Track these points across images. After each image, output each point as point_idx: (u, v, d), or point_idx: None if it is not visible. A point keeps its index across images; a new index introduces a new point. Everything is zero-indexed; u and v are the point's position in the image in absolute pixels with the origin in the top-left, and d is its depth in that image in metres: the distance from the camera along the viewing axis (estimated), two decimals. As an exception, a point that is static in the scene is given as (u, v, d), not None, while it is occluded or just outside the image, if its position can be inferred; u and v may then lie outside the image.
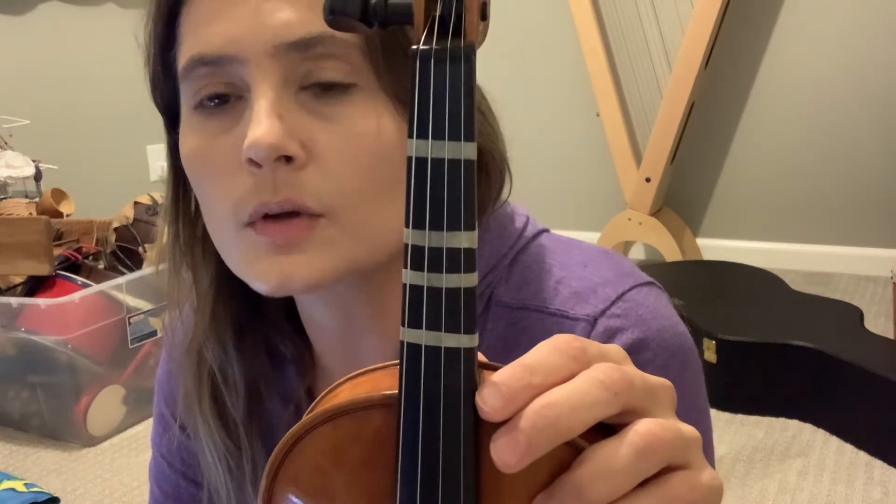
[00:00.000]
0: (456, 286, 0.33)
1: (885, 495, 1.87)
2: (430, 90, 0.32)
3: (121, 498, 2.08)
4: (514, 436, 0.32)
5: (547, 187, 3.52)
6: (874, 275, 3.08)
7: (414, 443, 0.34)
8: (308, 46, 0.54)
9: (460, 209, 0.32)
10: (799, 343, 2.17)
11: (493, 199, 0.63)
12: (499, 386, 0.32)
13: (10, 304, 2.31)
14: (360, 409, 0.36)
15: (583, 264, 0.63)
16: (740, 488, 1.93)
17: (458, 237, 0.32)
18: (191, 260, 0.66)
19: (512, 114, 0.65)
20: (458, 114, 0.32)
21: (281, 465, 0.37)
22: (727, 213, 3.37)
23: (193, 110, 0.58)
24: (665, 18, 3.14)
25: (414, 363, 0.33)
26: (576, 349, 0.34)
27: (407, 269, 0.33)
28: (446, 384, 0.33)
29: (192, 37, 0.56)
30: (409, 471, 0.34)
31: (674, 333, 0.60)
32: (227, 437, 0.68)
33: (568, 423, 0.32)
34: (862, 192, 3.14)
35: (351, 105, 0.55)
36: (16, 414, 2.43)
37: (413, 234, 0.33)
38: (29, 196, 3.08)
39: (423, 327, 0.33)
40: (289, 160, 0.54)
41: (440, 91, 0.32)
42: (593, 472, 0.32)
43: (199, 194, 0.60)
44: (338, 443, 0.36)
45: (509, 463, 0.32)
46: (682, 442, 0.34)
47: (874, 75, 3.05)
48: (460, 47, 0.32)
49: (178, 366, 0.71)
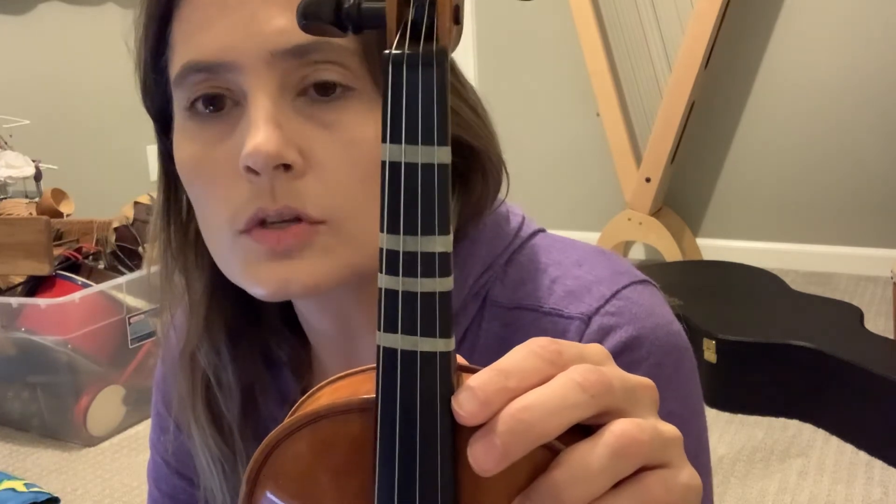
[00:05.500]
0: (431, 290, 0.33)
1: (885, 495, 1.87)
2: (403, 94, 0.32)
3: (121, 498, 2.08)
4: (490, 440, 0.32)
5: (547, 187, 3.52)
6: (874, 275, 3.07)
7: (391, 446, 0.34)
8: (304, 53, 0.53)
9: (434, 214, 0.32)
10: (799, 343, 2.17)
11: (490, 200, 0.63)
12: (474, 390, 0.32)
13: (10, 304, 2.31)
14: (339, 414, 0.36)
15: (578, 263, 0.63)
16: (740, 488, 1.93)
17: (432, 241, 0.32)
18: (183, 265, 0.66)
19: (512, 114, 0.65)
20: (430, 118, 0.32)
21: (261, 469, 0.37)
22: (727, 213, 3.37)
23: (188, 117, 0.57)
24: (665, 18, 3.14)
25: (390, 367, 0.33)
26: (552, 352, 0.34)
27: (382, 273, 0.33)
28: (423, 388, 0.33)
29: (185, 43, 0.56)
30: (387, 474, 0.34)
31: (668, 332, 0.60)
32: (221, 442, 0.68)
33: (544, 427, 0.32)
34: (862, 192, 3.14)
35: (348, 111, 0.55)
36: (16, 414, 2.43)
37: (388, 238, 0.33)
38: (29, 196, 3.09)
39: (398, 331, 0.33)
40: (287, 168, 0.53)
41: (412, 95, 0.32)
42: (569, 474, 0.32)
43: (194, 201, 0.60)
44: (317, 447, 0.36)
45: (486, 467, 0.32)
46: (659, 442, 0.34)
47: (874, 75, 3.05)
48: (432, 52, 0.32)
49: (172, 370, 0.71)
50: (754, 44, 3.20)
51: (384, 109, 0.33)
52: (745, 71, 3.23)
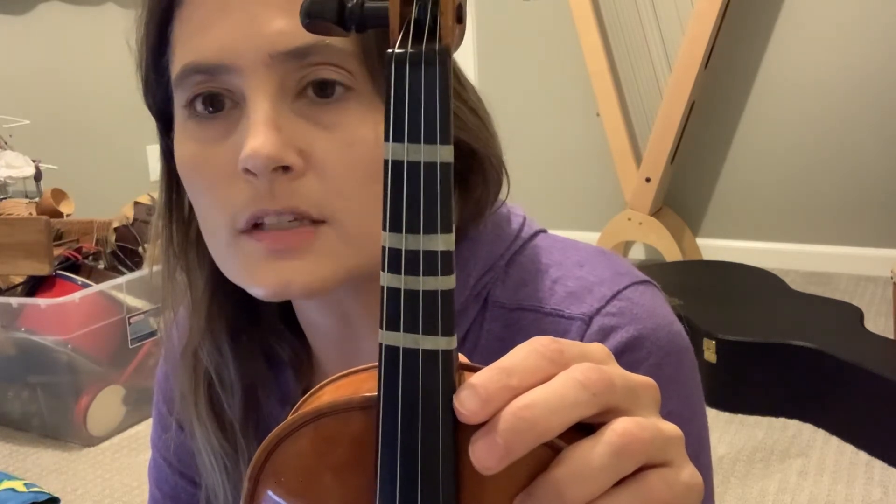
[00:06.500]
0: (433, 289, 0.33)
1: (885, 495, 1.87)
2: (406, 93, 0.32)
3: (121, 498, 2.08)
4: (492, 438, 0.32)
5: (547, 187, 3.52)
6: (874, 275, 3.07)
7: (393, 445, 0.34)
8: (304, 55, 0.53)
9: (437, 212, 0.32)
10: (799, 343, 2.17)
11: (490, 202, 0.63)
12: (476, 388, 0.32)
13: (10, 304, 2.31)
14: (341, 412, 0.36)
15: (579, 264, 0.63)
16: (740, 488, 1.93)
17: (434, 240, 0.33)
18: (185, 263, 0.66)
19: (512, 114, 0.65)
20: (433, 117, 0.32)
21: (263, 467, 0.37)
22: (727, 213, 3.37)
23: (188, 117, 0.57)
24: (665, 18, 3.14)
25: (392, 365, 0.33)
26: (553, 351, 0.34)
27: (384, 271, 0.33)
28: (424, 386, 0.33)
29: (185, 44, 0.56)
30: (388, 472, 0.34)
31: (669, 332, 0.60)
32: (223, 439, 0.68)
33: (546, 425, 0.32)
34: (862, 192, 3.14)
35: (348, 112, 0.55)
36: (16, 414, 2.43)
37: (390, 237, 0.33)
38: (29, 196, 3.09)
39: (400, 330, 0.33)
40: (286, 169, 0.54)
41: (415, 94, 0.32)
42: (571, 472, 0.32)
43: (194, 201, 0.60)
44: (319, 444, 0.36)
45: (487, 465, 0.32)
46: (661, 440, 0.34)
47: (874, 75, 3.05)
48: (435, 50, 0.32)
49: (174, 369, 0.71)
50: (754, 44, 3.20)
51: (387, 108, 0.33)
52: (745, 71, 3.23)
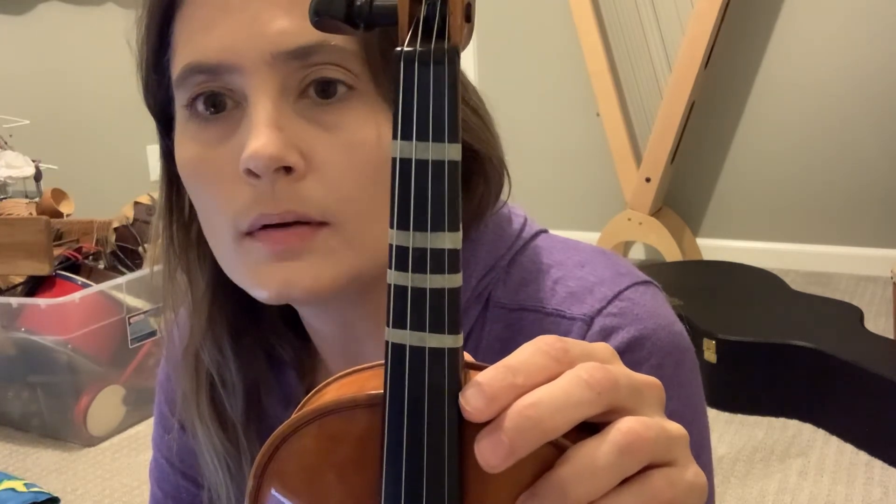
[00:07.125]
0: (440, 287, 0.33)
1: (885, 495, 1.87)
2: (414, 92, 0.32)
3: (121, 498, 2.08)
4: (497, 436, 0.32)
5: (547, 187, 3.52)
6: (874, 275, 3.08)
7: (398, 442, 0.34)
8: (306, 55, 0.53)
9: (444, 210, 0.32)
10: (799, 343, 2.17)
11: (491, 203, 0.63)
12: (482, 386, 0.32)
13: (10, 304, 2.31)
14: (345, 409, 0.36)
15: (580, 264, 0.63)
16: (740, 488, 1.93)
17: (441, 238, 0.33)
18: (186, 263, 0.66)
19: (512, 114, 0.65)
20: (441, 115, 0.32)
21: (268, 465, 0.37)
22: (727, 213, 3.37)
23: (189, 118, 0.57)
24: (665, 18, 3.14)
25: (398, 363, 0.33)
26: (558, 350, 0.34)
27: (391, 269, 0.33)
28: (430, 384, 0.33)
29: (187, 44, 0.56)
30: (393, 470, 0.34)
31: (670, 332, 0.60)
32: (225, 439, 0.68)
33: (551, 423, 0.32)
34: (862, 192, 3.14)
35: (350, 113, 0.54)
36: (16, 414, 2.43)
37: (397, 234, 0.33)
38: (29, 196, 3.09)
39: (407, 328, 0.33)
40: (288, 171, 0.53)
41: (424, 93, 0.32)
42: (575, 471, 0.32)
43: (196, 202, 0.60)
44: (324, 442, 0.36)
45: (493, 463, 0.32)
46: (665, 440, 0.34)
47: (874, 75, 3.05)
48: (444, 49, 0.32)
49: (176, 369, 0.71)
50: (754, 44, 3.20)
51: (395, 106, 0.33)
52: (745, 71, 3.23)
